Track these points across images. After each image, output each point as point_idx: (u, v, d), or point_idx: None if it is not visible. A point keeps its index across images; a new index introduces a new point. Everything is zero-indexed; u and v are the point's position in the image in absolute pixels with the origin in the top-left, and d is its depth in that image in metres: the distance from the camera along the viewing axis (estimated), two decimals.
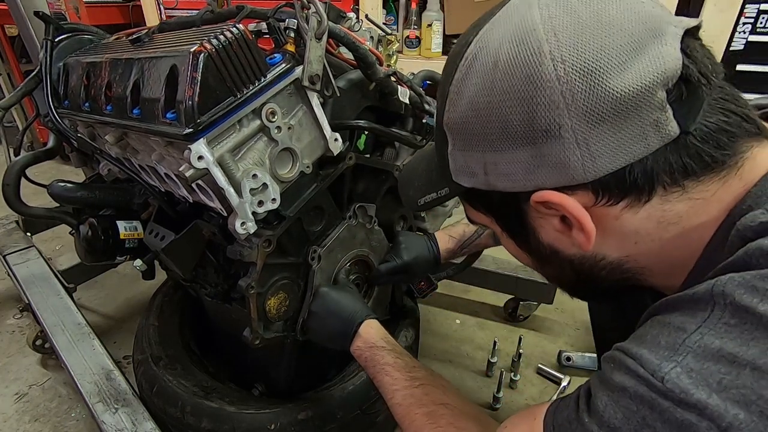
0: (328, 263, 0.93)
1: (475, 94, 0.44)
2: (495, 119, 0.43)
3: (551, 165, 0.41)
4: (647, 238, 0.44)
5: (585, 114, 0.39)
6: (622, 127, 0.39)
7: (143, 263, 0.89)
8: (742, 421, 0.31)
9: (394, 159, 1.07)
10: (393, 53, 1.05)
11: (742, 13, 1.56)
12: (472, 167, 0.48)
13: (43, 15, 1.02)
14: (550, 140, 0.40)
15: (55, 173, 2.61)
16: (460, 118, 0.47)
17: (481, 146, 0.45)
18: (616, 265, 0.47)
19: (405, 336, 1.10)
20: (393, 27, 2.21)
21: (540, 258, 0.53)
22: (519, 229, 0.51)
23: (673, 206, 0.42)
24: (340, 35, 0.80)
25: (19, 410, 1.23)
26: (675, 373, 0.34)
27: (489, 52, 0.43)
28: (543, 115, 0.40)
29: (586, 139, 0.39)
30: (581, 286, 0.54)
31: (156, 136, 0.71)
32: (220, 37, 0.64)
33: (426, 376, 0.69)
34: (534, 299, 1.45)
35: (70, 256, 1.57)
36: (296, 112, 0.76)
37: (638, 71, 0.38)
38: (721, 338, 0.34)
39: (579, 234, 0.44)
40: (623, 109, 0.38)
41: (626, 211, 0.42)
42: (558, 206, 0.43)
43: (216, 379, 1.04)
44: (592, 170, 0.40)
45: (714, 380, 0.33)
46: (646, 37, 0.38)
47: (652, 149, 0.39)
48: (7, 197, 1.04)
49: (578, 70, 0.38)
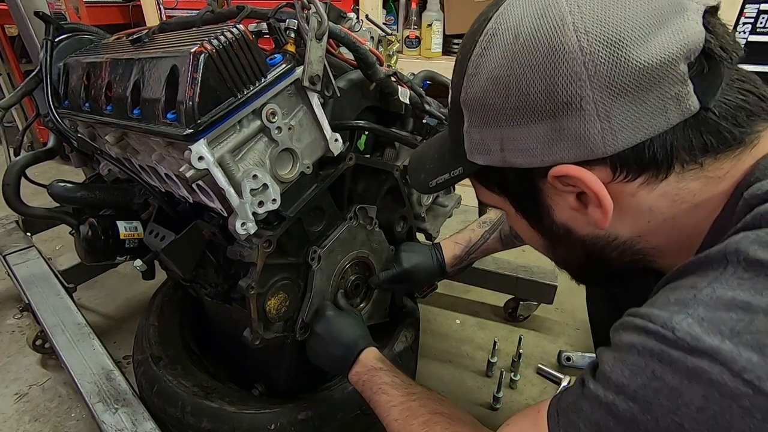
0: (328, 264, 0.93)
1: (495, 68, 0.44)
2: (515, 92, 0.42)
3: (571, 139, 0.41)
4: (660, 216, 0.44)
5: (607, 85, 0.38)
6: (643, 100, 0.39)
7: (143, 263, 0.89)
8: (756, 364, 0.31)
9: (394, 159, 1.07)
10: (393, 53, 1.05)
11: (742, 13, 1.56)
12: (488, 144, 0.47)
13: (43, 15, 1.02)
14: (571, 113, 0.40)
15: (55, 173, 2.61)
16: (478, 93, 0.46)
17: (499, 121, 0.45)
18: (628, 246, 0.47)
19: (405, 336, 1.10)
20: (393, 27, 2.21)
21: (552, 238, 0.52)
22: (533, 207, 0.50)
23: (688, 184, 0.42)
24: (340, 35, 0.80)
25: (19, 410, 1.23)
26: (686, 323, 0.34)
27: (510, 26, 0.43)
28: (565, 86, 0.39)
29: (607, 112, 0.39)
30: (590, 269, 0.54)
31: (156, 136, 0.71)
32: (221, 38, 0.64)
33: (422, 391, 0.70)
34: (534, 299, 1.45)
35: (70, 256, 1.57)
36: (296, 113, 0.76)
37: (661, 43, 0.38)
38: (734, 290, 0.34)
39: (596, 211, 0.44)
40: (645, 80, 0.38)
41: (643, 188, 0.42)
42: (577, 180, 0.43)
43: (216, 379, 1.04)
44: (612, 144, 0.40)
45: (726, 327, 0.32)
46: (669, 10, 0.38)
47: (672, 123, 0.39)
48: (7, 197, 1.04)
49: (601, 40, 0.38)
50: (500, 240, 1.00)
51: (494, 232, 1.01)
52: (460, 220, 2.14)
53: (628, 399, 0.36)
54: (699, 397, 0.32)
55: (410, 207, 1.13)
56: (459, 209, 1.32)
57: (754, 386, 0.30)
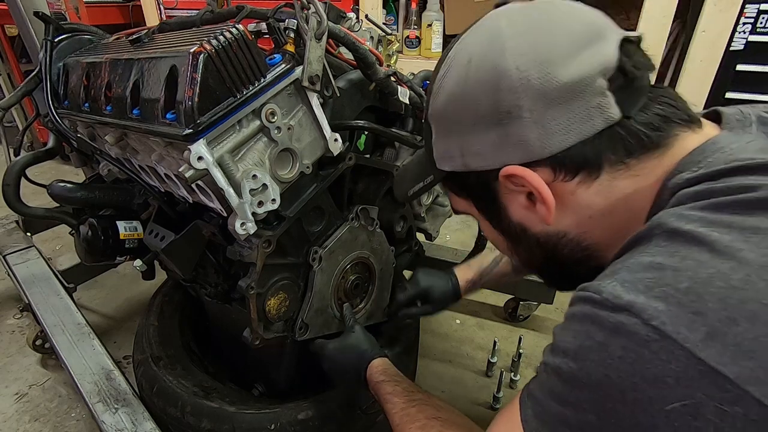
0: (329, 264, 0.93)
1: (453, 86, 0.52)
2: (468, 105, 0.50)
3: (514, 143, 0.48)
4: (599, 212, 0.50)
5: (539, 97, 0.46)
6: (570, 109, 0.46)
7: (143, 263, 0.89)
8: (661, 311, 0.35)
9: (394, 159, 1.07)
10: (393, 53, 1.05)
11: (742, 13, 1.56)
12: (451, 151, 0.55)
13: (43, 15, 1.02)
14: (513, 120, 0.47)
15: (55, 173, 2.61)
16: (440, 107, 0.54)
17: (458, 130, 0.53)
18: (576, 242, 0.53)
19: (405, 336, 1.10)
20: (393, 27, 2.21)
21: (512, 238, 0.58)
22: (492, 208, 0.57)
23: (619, 182, 0.48)
24: (339, 35, 0.80)
25: (19, 410, 1.23)
26: (611, 286, 0.39)
27: (465, 52, 0.52)
28: (506, 98, 0.47)
29: (541, 119, 0.46)
30: (551, 269, 0.60)
31: (156, 136, 0.71)
32: (220, 38, 0.64)
33: (422, 398, 0.73)
34: (534, 299, 1.45)
35: (70, 256, 1.57)
36: (296, 113, 0.76)
37: (581, 62, 0.45)
38: (653, 256, 0.39)
39: (542, 207, 0.50)
40: (570, 92, 0.45)
41: (580, 187, 0.49)
42: (522, 179, 0.49)
43: (216, 379, 1.04)
44: (548, 147, 0.47)
45: (642, 285, 0.38)
46: (591, 37, 0.47)
47: (598, 129, 0.46)
48: (7, 197, 1.04)
49: (533, 60, 0.46)
50: (511, 263, 1.00)
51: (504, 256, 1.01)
52: (460, 220, 2.15)
53: (570, 360, 0.41)
54: (620, 347, 0.37)
55: (410, 207, 1.13)
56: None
57: (659, 331, 0.35)
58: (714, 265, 0.36)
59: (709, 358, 0.33)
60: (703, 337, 0.34)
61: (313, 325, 0.94)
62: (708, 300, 0.34)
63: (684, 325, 0.34)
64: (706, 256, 0.36)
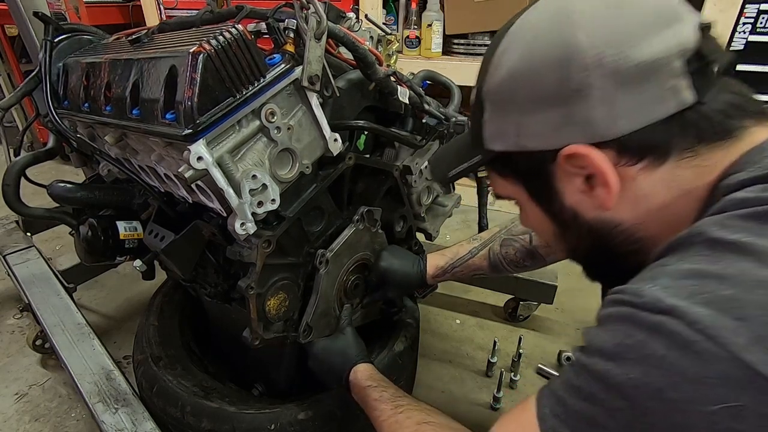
0: (334, 267, 0.93)
1: (515, 63, 0.50)
2: (532, 82, 0.49)
3: (579, 123, 0.47)
4: (658, 204, 0.48)
5: (612, 76, 0.44)
6: (643, 89, 0.44)
7: (143, 263, 0.89)
8: (706, 315, 0.35)
9: (394, 159, 1.07)
10: (393, 53, 1.05)
11: (742, 13, 1.56)
12: (506, 130, 0.53)
13: (43, 15, 1.02)
14: (580, 99, 0.46)
15: (55, 173, 2.61)
16: (498, 84, 0.52)
17: (516, 109, 0.51)
18: (630, 233, 0.51)
19: (404, 336, 1.10)
20: (393, 27, 2.21)
21: (561, 224, 0.56)
22: (544, 191, 0.54)
23: (683, 172, 0.46)
24: (339, 35, 0.80)
25: (19, 410, 1.23)
26: (652, 290, 0.39)
27: (530, 28, 0.50)
28: (575, 76, 0.45)
29: (611, 98, 0.45)
30: (597, 260, 0.58)
31: (155, 136, 0.71)
32: (219, 38, 0.64)
33: (409, 403, 0.72)
34: (534, 299, 1.45)
35: (70, 256, 1.57)
36: (296, 113, 0.76)
37: (659, 42, 0.44)
38: (694, 264, 0.39)
39: (602, 191, 0.49)
40: (645, 72, 0.44)
41: (643, 173, 0.47)
42: (584, 159, 0.47)
43: (216, 379, 1.04)
44: (615, 128, 0.45)
45: (685, 291, 0.37)
46: (669, 17, 0.45)
47: (670, 112, 0.45)
48: (7, 198, 1.04)
49: (607, 38, 0.45)
50: (488, 258, 0.98)
51: (483, 249, 1.00)
52: (460, 220, 2.15)
53: (606, 358, 0.40)
54: (662, 346, 0.36)
55: (410, 207, 1.13)
56: (459, 209, 1.32)
57: (703, 333, 0.35)
58: (757, 274, 0.36)
59: (755, 362, 0.33)
60: (747, 341, 0.33)
61: (317, 327, 0.94)
62: (751, 307, 0.34)
63: (728, 329, 0.34)
64: (749, 265, 0.36)
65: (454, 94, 1.14)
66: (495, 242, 0.99)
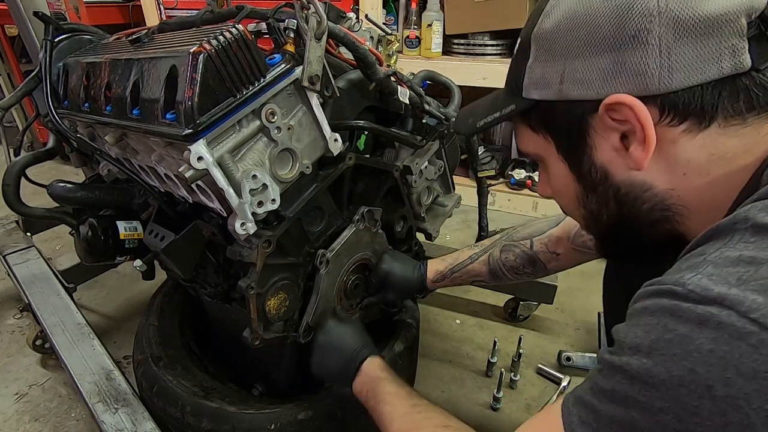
0: (335, 267, 0.93)
1: (573, 5, 0.48)
2: (587, 26, 0.46)
3: (630, 72, 0.44)
4: (696, 171, 0.46)
5: (674, 25, 0.42)
6: (703, 44, 0.42)
7: (143, 263, 0.89)
8: (761, 303, 0.32)
9: (394, 159, 1.07)
10: (393, 53, 1.05)
11: None
12: (549, 77, 0.51)
13: (43, 15, 1.02)
14: (635, 46, 0.44)
15: (55, 173, 2.61)
16: (550, 27, 0.50)
17: (565, 54, 0.49)
18: (660, 199, 0.49)
19: (404, 336, 1.10)
20: (393, 27, 2.21)
21: (587, 185, 0.54)
22: (575, 147, 0.52)
23: (728, 140, 0.44)
24: (339, 35, 0.80)
25: (19, 410, 1.23)
26: (696, 278, 0.36)
27: None
28: (635, 20, 0.43)
29: (669, 49, 0.43)
30: (617, 229, 0.55)
31: (155, 136, 0.71)
32: (220, 38, 0.64)
33: (427, 405, 0.70)
34: (534, 299, 1.45)
35: (70, 256, 1.57)
36: (296, 113, 0.76)
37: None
38: (741, 251, 0.36)
39: (637, 149, 0.47)
40: (709, 26, 0.42)
41: (684, 135, 0.45)
42: (627, 111, 0.45)
43: (216, 379, 1.04)
44: (666, 82, 0.43)
45: (733, 278, 0.34)
46: None
47: (724, 74, 0.42)
48: (7, 198, 1.04)
49: None
50: (488, 264, 0.98)
51: (483, 254, 0.99)
52: (460, 220, 2.15)
53: (642, 356, 0.37)
54: (709, 340, 0.33)
55: (410, 207, 1.13)
56: (459, 209, 1.32)
57: (760, 324, 0.32)
58: None
59: None
60: None
61: (317, 327, 0.93)
62: None
63: None
64: None
65: (454, 94, 1.14)
66: (495, 248, 0.98)
